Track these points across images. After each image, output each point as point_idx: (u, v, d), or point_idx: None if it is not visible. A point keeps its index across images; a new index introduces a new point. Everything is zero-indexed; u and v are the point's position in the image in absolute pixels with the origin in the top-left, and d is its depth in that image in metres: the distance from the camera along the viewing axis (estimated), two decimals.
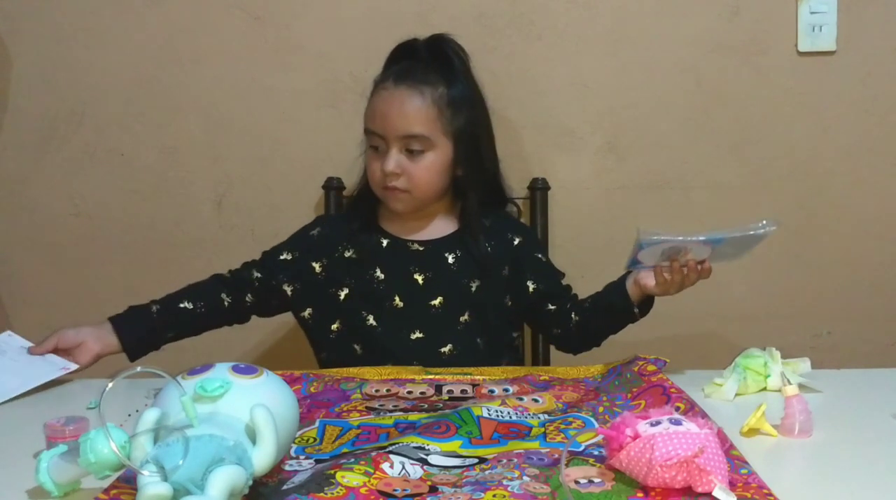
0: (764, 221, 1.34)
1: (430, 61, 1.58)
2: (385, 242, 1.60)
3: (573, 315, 1.57)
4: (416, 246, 1.59)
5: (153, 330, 1.54)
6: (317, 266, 1.61)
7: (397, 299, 1.56)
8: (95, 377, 1.43)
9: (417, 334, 1.55)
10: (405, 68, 1.57)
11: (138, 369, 0.90)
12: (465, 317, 1.57)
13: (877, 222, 1.95)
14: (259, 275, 1.61)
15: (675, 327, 1.97)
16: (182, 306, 1.56)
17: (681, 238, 1.34)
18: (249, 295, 1.61)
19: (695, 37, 1.90)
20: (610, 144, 1.93)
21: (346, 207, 1.72)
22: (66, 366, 1.40)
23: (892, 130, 1.92)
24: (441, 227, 1.62)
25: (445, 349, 1.55)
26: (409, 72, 1.56)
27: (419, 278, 1.56)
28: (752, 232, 1.34)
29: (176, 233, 1.97)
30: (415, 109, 1.53)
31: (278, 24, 1.90)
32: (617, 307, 1.51)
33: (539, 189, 1.90)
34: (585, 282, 1.91)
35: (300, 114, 1.92)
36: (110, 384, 0.89)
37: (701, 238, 1.34)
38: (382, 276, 1.57)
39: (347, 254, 1.61)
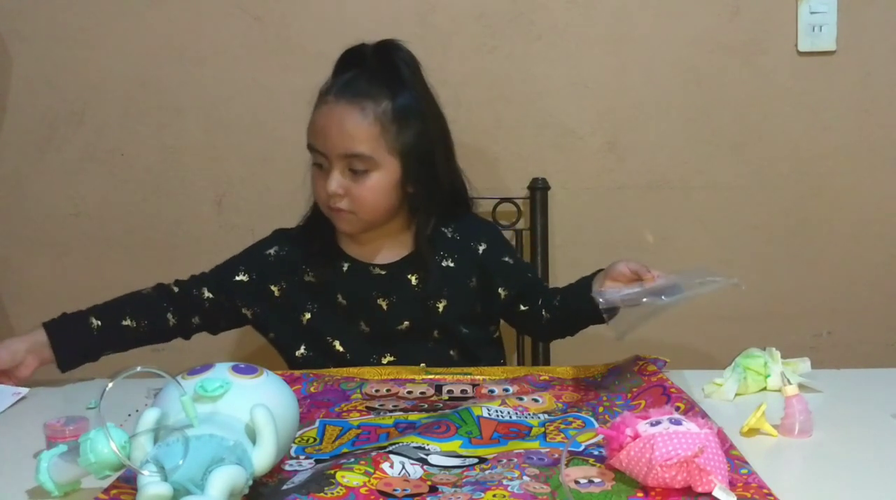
0: (728, 280, 1.29)
1: (376, 69, 1.47)
2: (346, 267, 1.52)
3: (544, 312, 1.52)
4: (377, 270, 1.51)
5: (91, 349, 1.45)
6: (275, 289, 1.53)
7: (363, 324, 1.50)
8: (95, 377, 1.43)
9: (389, 358, 1.50)
10: (348, 80, 1.46)
11: (138, 369, 0.90)
12: (436, 334, 1.52)
13: (876, 222, 1.95)
14: (211, 295, 1.52)
15: (675, 327, 1.97)
16: (125, 324, 1.46)
17: (645, 300, 1.26)
18: (197, 317, 1.52)
19: (695, 37, 1.90)
20: (610, 144, 1.93)
21: (302, 222, 1.60)
22: (17, 391, 1.33)
23: (891, 130, 1.92)
24: (401, 247, 1.53)
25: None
26: (352, 84, 1.45)
27: (383, 304, 1.49)
28: (713, 288, 1.28)
29: (176, 233, 1.97)
30: (354, 127, 1.42)
31: (278, 24, 1.90)
32: (585, 313, 1.44)
33: (539, 189, 1.90)
34: None
35: (300, 114, 1.91)
36: (110, 384, 0.89)
37: (662, 299, 1.25)
38: (345, 302, 1.50)
39: (307, 278, 1.52)
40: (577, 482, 0.93)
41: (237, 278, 1.53)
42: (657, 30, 1.90)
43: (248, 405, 0.90)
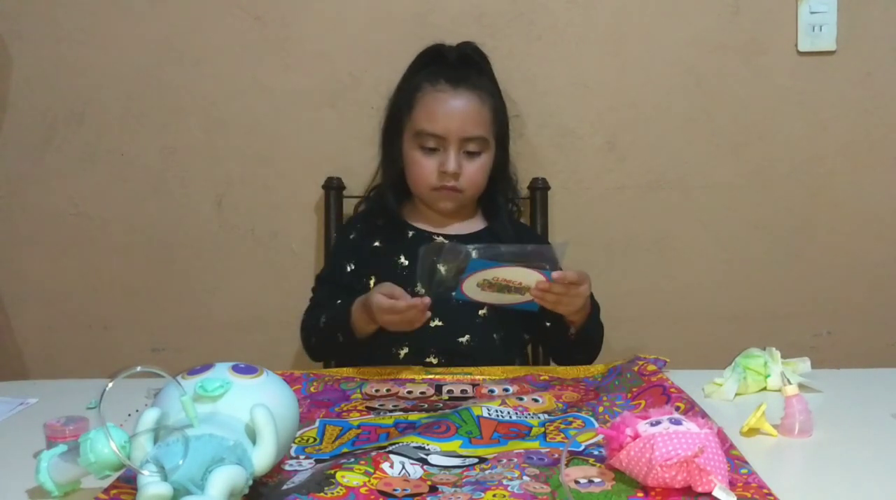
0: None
1: (458, 66, 1.65)
2: (410, 234, 1.66)
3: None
4: (440, 239, 1.63)
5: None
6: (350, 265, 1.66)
7: (419, 285, 1.54)
8: (95, 377, 1.43)
9: (437, 322, 1.55)
10: (456, 73, 1.63)
11: (138, 369, 0.90)
12: (484, 311, 1.58)
13: (877, 222, 1.95)
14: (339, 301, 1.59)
15: (675, 327, 1.97)
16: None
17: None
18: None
19: (695, 37, 1.90)
20: (610, 144, 1.93)
21: (366, 207, 1.78)
22: (25, 402, 1.33)
23: (892, 129, 1.92)
24: (467, 224, 1.68)
25: (464, 339, 1.57)
26: (462, 76, 1.63)
27: (441, 268, 1.52)
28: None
29: (176, 233, 1.97)
30: (477, 112, 1.61)
31: (278, 24, 1.90)
32: (557, 329, 1.55)
33: (539, 189, 1.90)
34: None
35: (300, 114, 1.92)
36: (110, 384, 0.89)
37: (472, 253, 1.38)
38: (406, 262, 1.59)
39: (375, 244, 1.65)
40: (577, 482, 0.93)
41: (348, 270, 1.65)
42: (657, 30, 1.90)
43: (248, 405, 0.90)
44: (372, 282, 1.60)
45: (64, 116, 1.94)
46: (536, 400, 1.22)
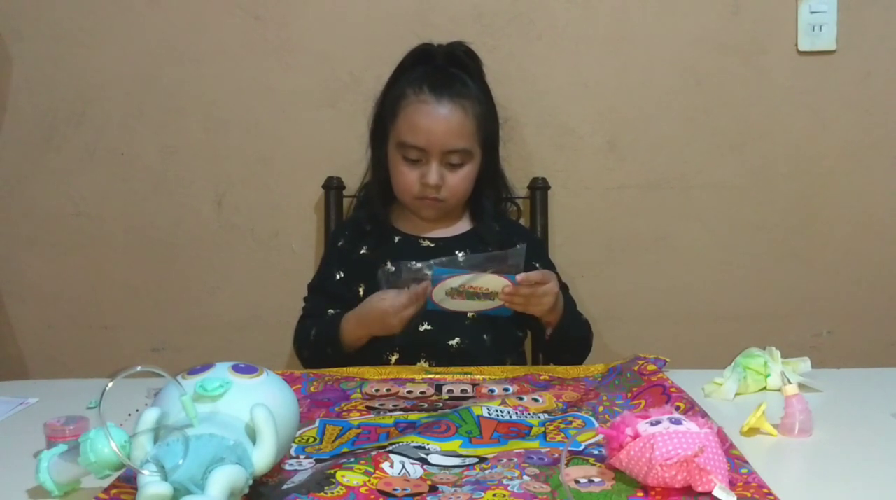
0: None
1: (445, 69, 1.62)
2: (397, 239, 1.65)
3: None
4: (426, 243, 1.64)
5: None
6: (341, 273, 1.65)
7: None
8: (95, 377, 1.43)
9: (426, 326, 1.55)
10: (440, 80, 1.59)
11: (138, 368, 0.90)
12: (473, 313, 1.57)
13: (877, 222, 1.95)
14: (332, 311, 1.61)
15: (675, 327, 1.97)
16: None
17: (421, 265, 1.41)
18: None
19: (695, 37, 1.90)
20: (610, 144, 1.93)
21: (355, 212, 1.78)
22: (25, 401, 1.33)
23: (892, 129, 1.92)
24: (453, 227, 1.67)
25: (453, 342, 1.56)
26: (446, 84, 1.59)
27: (429, 273, 1.56)
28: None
29: (176, 233, 1.97)
30: (459, 125, 1.57)
31: (278, 23, 1.90)
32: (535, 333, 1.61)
33: (539, 189, 1.90)
34: (585, 282, 1.92)
35: (300, 114, 1.92)
36: (110, 384, 0.89)
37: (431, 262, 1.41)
38: (393, 269, 1.58)
39: (362, 251, 1.65)
40: (577, 482, 0.93)
41: (337, 278, 1.65)
42: (657, 30, 1.90)
43: (248, 405, 0.90)
44: (361, 290, 1.61)
45: (64, 116, 1.94)
46: (536, 400, 1.22)
